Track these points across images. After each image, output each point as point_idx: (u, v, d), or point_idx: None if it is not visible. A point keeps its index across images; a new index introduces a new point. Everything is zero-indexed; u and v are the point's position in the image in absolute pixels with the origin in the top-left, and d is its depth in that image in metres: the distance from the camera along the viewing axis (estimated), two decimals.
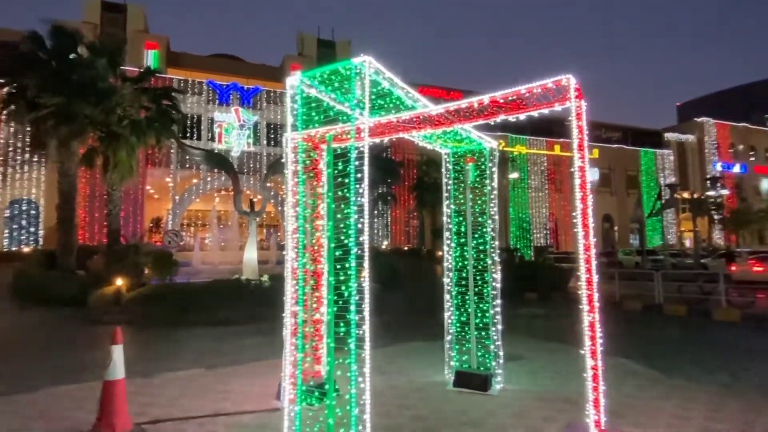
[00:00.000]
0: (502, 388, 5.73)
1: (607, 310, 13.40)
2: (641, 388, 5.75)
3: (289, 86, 3.72)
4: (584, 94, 4.20)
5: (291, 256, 3.61)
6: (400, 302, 14.85)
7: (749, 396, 5.53)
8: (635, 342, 9.18)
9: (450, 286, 6.17)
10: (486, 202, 6.18)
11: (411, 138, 5.56)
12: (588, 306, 3.85)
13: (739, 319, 11.13)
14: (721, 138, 49.53)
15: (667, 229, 44.77)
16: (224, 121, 29.71)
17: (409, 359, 7.24)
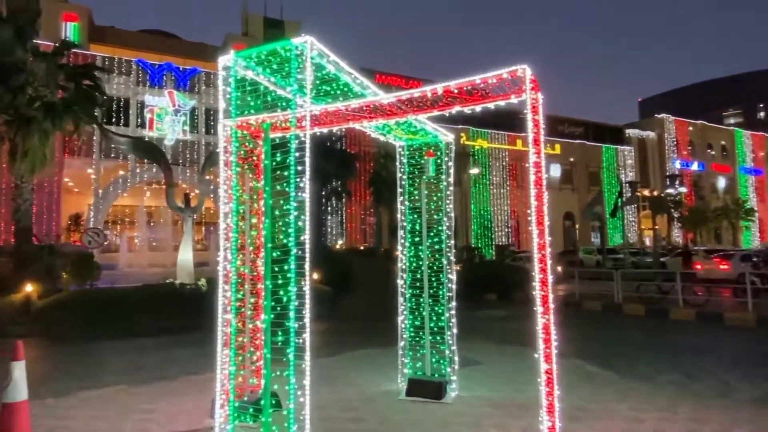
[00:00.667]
0: (457, 396, 5.83)
1: (567, 311, 14.05)
2: (597, 391, 6.02)
3: (221, 67, 3.59)
4: (543, 86, 4.33)
5: (224, 258, 3.49)
6: (353, 306, 14.84)
7: (702, 396, 5.93)
8: (594, 343, 9.62)
9: (404, 288, 6.21)
10: (442, 198, 6.26)
11: (362, 128, 5.54)
12: (542, 307, 3.98)
13: (695, 318, 11.93)
14: (681, 135, 52.89)
15: (627, 227, 47.30)
16: (156, 105, 28.46)
17: (360, 368, 7.23)
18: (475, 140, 41.43)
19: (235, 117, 3.57)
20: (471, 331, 9.96)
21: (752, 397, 5.87)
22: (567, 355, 7.61)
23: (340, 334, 10.58)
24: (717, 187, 55.20)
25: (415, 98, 4.52)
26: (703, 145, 54.88)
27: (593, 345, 9.37)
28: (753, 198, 55.43)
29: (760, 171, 57.84)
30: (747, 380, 6.59)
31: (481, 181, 41.54)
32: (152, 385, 6.46)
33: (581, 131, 49.55)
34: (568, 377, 6.50)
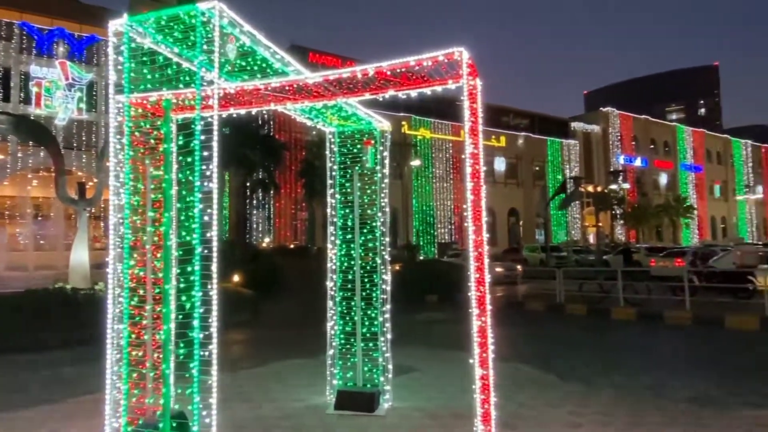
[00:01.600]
0: (391, 407, 5.86)
1: (510, 312, 14.61)
2: (536, 396, 6.28)
3: (112, 33, 3.34)
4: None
5: (114, 257, 3.26)
6: (280, 311, 14.62)
7: (639, 396, 6.34)
8: (535, 345, 10.07)
9: (334, 290, 6.14)
10: (376, 192, 6.23)
11: (286, 111, 5.42)
12: (478, 309, 4.06)
13: (635, 318, 12.80)
14: (625, 129, 56.60)
15: (571, 224, 50.02)
16: (45, 78, 26.38)
17: (284, 381, 7.10)
18: (417, 130, 41.95)
19: (129, 92, 3.33)
20: (409, 336, 10.08)
21: (686, 397, 6.35)
22: (507, 359, 7.89)
23: (264, 344, 10.36)
24: (659, 183, 59.68)
25: (344, 79, 4.46)
26: (646, 141, 59.06)
27: (534, 347, 9.79)
28: (693, 195, 60.47)
29: (699, 168, 63.16)
30: (682, 380, 7.14)
31: (424, 173, 42.16)
32: (33, 410, 6.00)
33: (526, 123, 51.69)
34: (508, 382, 6.72)
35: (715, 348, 9.77)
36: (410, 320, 13.02)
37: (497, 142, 46.82)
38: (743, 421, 5.32)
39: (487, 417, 4.09)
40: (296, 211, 35.19)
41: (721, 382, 7.00)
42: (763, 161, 73.88)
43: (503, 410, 5.46)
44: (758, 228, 68.80)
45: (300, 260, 23.81)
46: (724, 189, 66.67)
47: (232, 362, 8.62)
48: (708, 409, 5.80)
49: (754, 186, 69.37)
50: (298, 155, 33.76)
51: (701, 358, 8.90)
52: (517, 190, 48.57)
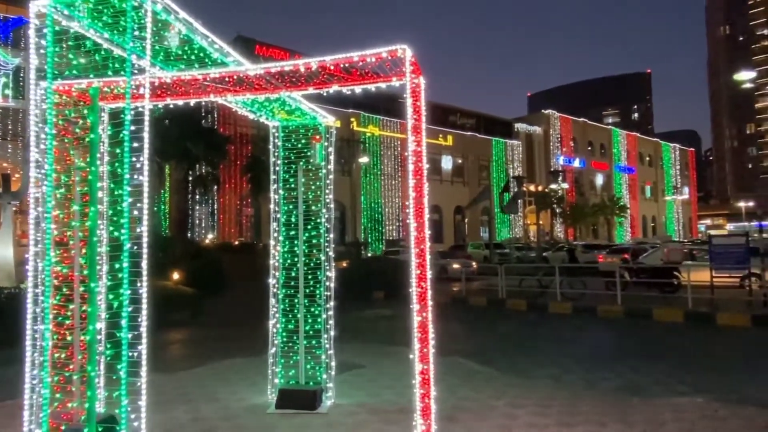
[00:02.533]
0: (333, 404, 5.83)
1: (454, 307, 14.89)
2: (477, 389, 6.41)
3: (33, 14, 3.12)
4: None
5: (34, 255, 3.04)
6: (222, 310, 14.25)
7: (573, 387, 6.62)
8: (478, 340, 10.31)
9: (277, 288, 6.04)
10: (321, 188, 6.17)
11: (227, 103, 5.26)
12: (419, 305, 4.09)
13: (571, 312, 13.35)
14: (564, 131, 58.91)
15: (514, 221, 51.55)
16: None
17: (224, 381, 6.92)
18: (366, 127, 41.90)
19: (53, 79, 3.12)
20: (354, 333, 10.10)
21: (616, 386, 6.70)
22: (450, 354, 8.04)
23: (204, 343, 10.07)
24: (595, 183, 62.49)
25: (287, 72, 4.37)
26: (584, 143, 61.73)
27: (477, 341, 10.03)
28: (626, 195, 63.79)
29: (632, 170, 66.67)
30: (613, 370, 7.50)
31: (372, 170, 42.19)
32: None
33: (473, 123, 52.76)
34: (450, 377, 6.85)
35: (644, 340, 10.34)
36: (357, 317, 13.02)
37: (444, 140, 47.52)
38: (667, 408, 5.64)
39: (427, 411, 4.13)
40: (242, 206, 34.35)
41: (649, 372, 7.41)
42: (689, 164, 78.93)
43: (445, 404, 5.56)
44: (684, 227, 73.49)
45: (245, 257, 23.29)
46: (654, 190, 70.70)
47: (171, 362, 8.33)
48: (636, 397, 6.12)
49: (681, 187, 74.03)
50: (244, 149, 32.97)
51: (631, 349, 9.38)
52: (463, 188, 49.49)
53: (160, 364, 7.94)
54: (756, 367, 7.82)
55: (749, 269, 12.47)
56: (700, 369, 7.64)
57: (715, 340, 10.20)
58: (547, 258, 27.92)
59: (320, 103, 7.16)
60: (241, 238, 33.10)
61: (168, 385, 6.65)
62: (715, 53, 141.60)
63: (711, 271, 12.18)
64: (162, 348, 9.71)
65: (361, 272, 18.78)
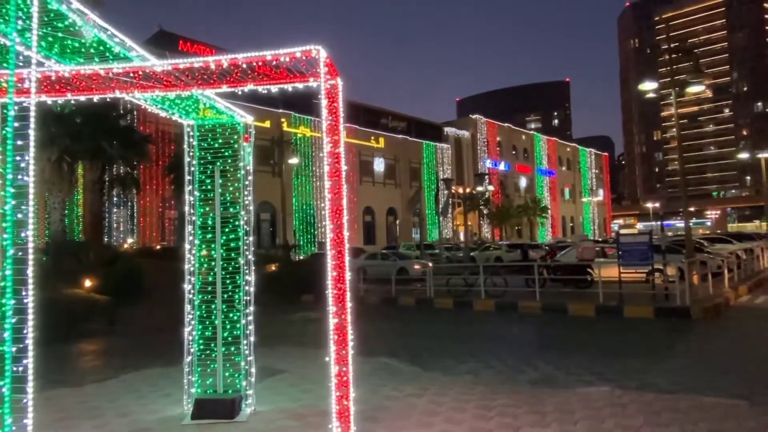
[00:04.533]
0: (253, 411, 5.68)
1: (383, 307, 15.01)
2: (399, 388, 6.48)
3: None
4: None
5: None
6: (139, 318, 13.54)
7: (492, 381, 6.84)
8: (404, 339, 10.42)
9: (192, 294, 5.81)
10: (239, 189, 6.01)
11: (135, 100, 5.00)
12: (336, 307, 4.07)
13: (494, 309, 13.83)
14: (491, 136, 61.14)
15: (443, 222, 52.79)
16: None
17: (137, 392, 6.57)
18: (297, 127, 41.38)
19: None
20: (280, 337, 9.93)
21: (532, 379, 7.00)
22: (374, 354, 8.08)
23: (118, 353, 9.51)
24: (519, 186, 65.32)
25: (197, 69, 4.21)
26: (509, 147, 64.36)
27: (403, 340, 10.14)
28: (547, 197, 67.15)
29: (552, 173, 70.31)
30: (530, 364, 7.83)
31: (304, 171, 41.68)
32: None
33: (404, 126, 53.48)
34: (374, 377, 6.89)
35: (559, 333, 10.90)
36: (284, 321, 12.81)
37: (376, 143, 47.89)
38: (576, 397, 5.97)
39: (345, 413, 4.12)
40: (164, 209, 32.84)
41: (562, 363, 7.80)
42: (604, 168, 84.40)
43: (367, 404, 5.58)
44: (600, 226, 78.46)
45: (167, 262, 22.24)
46: (572, 192, 74.97)
47: (79, 375, 7.80)
48: (549, 388, 6.43)
49: (596, 189, 79.03)
50: (167, 149, 31.54)
51: (547, 343, 9.85)
52: (395, 190, 50.06)
53: (67, 377, 7.44)
54: (656, 356, 8.45)
55: (653, 265, 13.48)
56: (607, 359, 8.13)
57: (621, 331, 10.91)
58: (474, 257, 28.79)
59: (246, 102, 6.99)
60: (163, 242, 31.64)
61: (74, 399, 6.23)
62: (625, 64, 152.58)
63: (619, 268, 13.03)
64: (70, 360, 9.09)
65: (290, 275, 18.51)
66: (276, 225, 38.26)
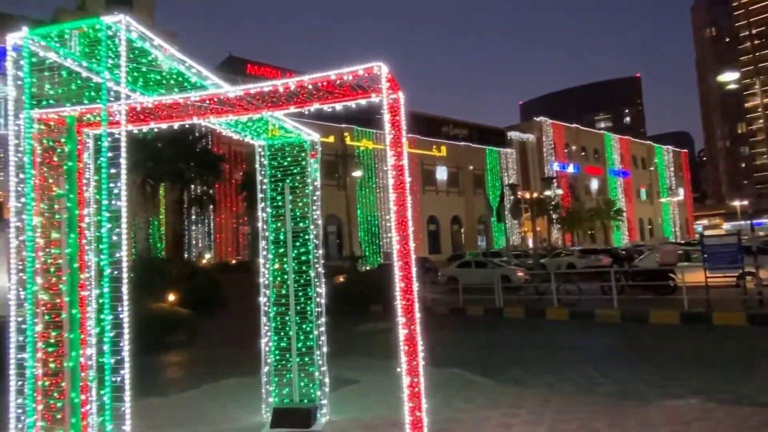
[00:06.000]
0: (328, 421, 5.80)
1: (451, 317, 14.85)
2: (471, 399, 6.38)
3: (10, 46, 3.17)
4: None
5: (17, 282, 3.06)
6: (219, 330, 14.16)
7: (567, 394, 6.59)
8: (474, 349, 10.26)
9: (267, 306, 6.04)
10: (308, 204, 6.20)
11: (211, 125, 5.31)
12: (405, 318, 4.10)
13: (568, 317, 13.32)
14: (557, 138, 59.18)
15: (511, 229, 51.57)
16: None
17: (218, 402, 6.88)
18: (359, 141, 42.03)
19: (30, 108, 3.16)
20: (350, 348, 10.04)
21: (611, 392, 6.67)
22: (446, 364, 8.01)
23: (200, 365, 10.01)
24: (590, 188, 62.66)
25: (266, 93, 4.41)
26: (578, 148, 61.99)
27: (473, 351, 9.98)
28: (621, 199, 63.88)
29: (627, 173, 66.92)
30: (608, 376, 7.49)
31: (368, 184, 42.21)
32: None
33: (465, 133, 53.01)
34: (445, 388, 6.82)
35: (640, 343, 10.31)
36: (353, 332, 12.97)
37: (438, 151, 47.72)
38: (661, 411, 5.63)
39: (419, 425, 4.12)
40: (238, 225, 34.31)
41: (644, 375, 7.39)
42: (683, 165, 79.29)
43: (439, 415, 5.54)
44: (681, 228, 73.54)
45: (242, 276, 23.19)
46: (649, 192, 70.90)
47: (164, 386, 8.27)
48: (630, 402, 6.10)
49: (676, 189, 74.21)
50: (239, 168, 33.05)
51: (626, 353, 9.36)
52: (458, 198, 49.56)
53: (154, 388, 7.89)
54: (751, 367, 7.81)
55: (743, 268, 12.49)
56: (695, 370, 7.61)
57: (711, 340, 10.19)
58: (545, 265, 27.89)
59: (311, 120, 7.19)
60: (238, 256, 33.03)
61: (160, 409, 6.61)
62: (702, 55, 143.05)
63: (705, 272, 12.19)
64: (156, 371, 9.64)
65: (357, 286, 18.73)
66: (342, 237, 38.95)
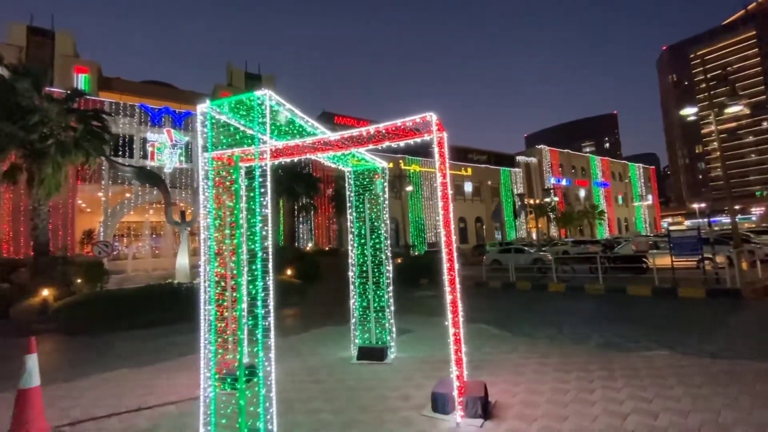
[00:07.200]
0: (395, 357, 5.88)
1: (477, 288, 14.50)
2: (496, 347, 6.26)
3: (199, 113, 3.48)
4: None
5: (204, 261, 3.35)
6: (318, 294, 14.60)
7: (567, 344, 6.32)
8: (494, 311, 9.99)
9: (353, 278, 6.21)
10: (381, 210, 6.32)
11: (317, 159, 5.53)
12: (450, 287, 4.10)
13: (565, 290, 12.67)
14: (554, 159, 56.36)
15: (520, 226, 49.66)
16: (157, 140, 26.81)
17: (322, 341, 7.13)
18: (410, 165, 42.12)
19: (211, 150, 3.45)
20: (407, 309, 10.10)
21: (600, 343, 6.32)
22: (475, 321, 7.88)
23: (308, 317, 10.37)
24: (579, 196, 59.11)
25: (354, 136, 4.58)
26: (569, 167, 58.74)
27: (494, 313, 9.71)
28: (603, 203, 59.95)
29: (607, 184, 62.65)
30: (597, 332, 7.09)
31: (416, 195, 42.20)
32: (152, 366, 6.06)
33: (485, 158, 51.66)
34: (475, 338, 6.74)
35: (620, 309, 9.65)
36: (409, 297, 12.99)
37: (465, 172, 46.88)
38: (641, 359, 5.29)
39: (460, 361, 4.11)
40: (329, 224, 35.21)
41: (624, 333, 6.96)
42: (651, 178, 73.24)
43: (472, 357, 5.49)
44: (650, 225, 68.01)
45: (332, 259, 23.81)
46: (625, 198, 65.99)
47: (286, 330, 8.65)
48: (614, 351, 5.78)
49: (645, 195, 68.75)
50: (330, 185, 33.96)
51: (609, 317, 8.79)
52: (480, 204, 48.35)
53: (279, 332, 8.28)
54: (709, 330, 7.15)
55: (702, 254, 11.39)
56: (665, 331, 7.07)
57: (676, 308, 9.38)
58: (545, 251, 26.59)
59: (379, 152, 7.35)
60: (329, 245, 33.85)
61: (285, 345, 6.94)
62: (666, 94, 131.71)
63: (671, 258, 11.22)
64: (280, 321, 10.11)
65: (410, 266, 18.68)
66: (398, 232, 39.14)
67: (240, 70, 36.56)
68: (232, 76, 36.01)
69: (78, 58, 28.79)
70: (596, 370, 4.91)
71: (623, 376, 4.63)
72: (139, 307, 9.83)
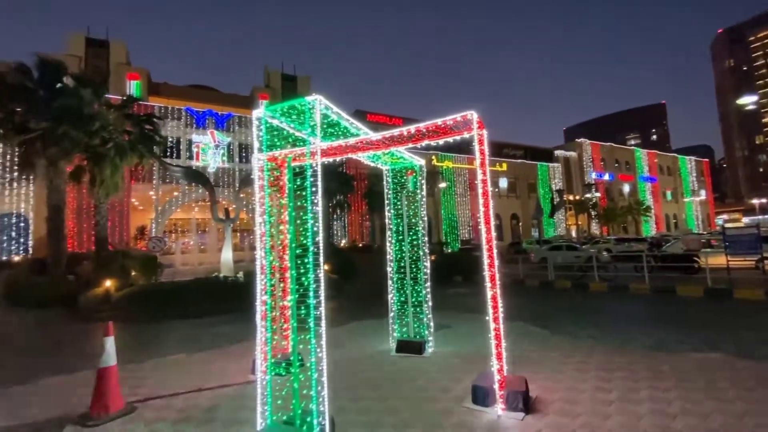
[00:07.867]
0: (433, 351, 5.99)
1: (514, 287, 14.26)
2: (535, 344, 6.22)
3: (255, 118, 3.76)
4: (494, 117, 4.57)
5: (260, 255, 3.64)
6: (354, 289, 14.92)
7: (610, 345, 6.16)
8: (533, 309, 9.83)
9: (392, 273, 6.35)
10: (418, 207, 6.43)
11: (358, 158, 5.72)
12: (490, 283, 4.17)
13: (607, 290, 12.20)
14: (595, 153, 53.78)
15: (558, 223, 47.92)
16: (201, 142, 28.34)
17: (362, 334, 7.35)
18: (443, 162, 41.74)
19: (265, 152, 3.73)
20: (443, 304, 10.13)
21: (645, 345, 6.11)
22: (513, 319, 7.83)
23: (346, 310, 10.66)
24: (623, 191, 56.08)
25: (395, 136, 4.72)
26: (612, 161, 55.85)
27: (533, 311, 9.57)
28: (650, 199, 56.50)
29: (654, 179, 58.97)
30: (643, 333, 6.84)
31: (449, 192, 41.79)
32: (206, 353, 6.52)
33: (521, 153, 50.20)
34: (514, 335, 6.71)
35: (669, 310, 9.20)
36: (443, 293, 13.00)
37: (501, 167, 45.80)
38: (691, 361, 5.10)
39: (500, 356, 4.17)
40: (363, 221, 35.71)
41: (673, 334, 6.67)
42: (704, 172, 68.10)
43: (511, 353, 5.49)
44: (703, 222, 63.29)
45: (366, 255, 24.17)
46: (674, 194, 61.82)
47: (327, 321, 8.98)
48: (662, 352, 5.58)
49: (698, 190, 64.00)
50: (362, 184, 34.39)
51: (657, 317, 8.42)
52: (516, 201, 47.11)
53: None
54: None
55: (761, 254, 10.59)
56: (718, 333, 6.70)
57: (731, 311, 8.81)
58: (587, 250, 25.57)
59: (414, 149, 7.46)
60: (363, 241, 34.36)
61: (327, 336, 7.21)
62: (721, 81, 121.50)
63: (726, 257, 10.52)
64: None
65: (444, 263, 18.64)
66: (432, 229, 38.98)
67: (276, 71, 37.68)
68: (269, 78, 37.22)
69: (130, 65, 30.88)
70: (642, 370, 4.79)
71: (671, 377, 4.50)
72: (189, 298, 10.52)
